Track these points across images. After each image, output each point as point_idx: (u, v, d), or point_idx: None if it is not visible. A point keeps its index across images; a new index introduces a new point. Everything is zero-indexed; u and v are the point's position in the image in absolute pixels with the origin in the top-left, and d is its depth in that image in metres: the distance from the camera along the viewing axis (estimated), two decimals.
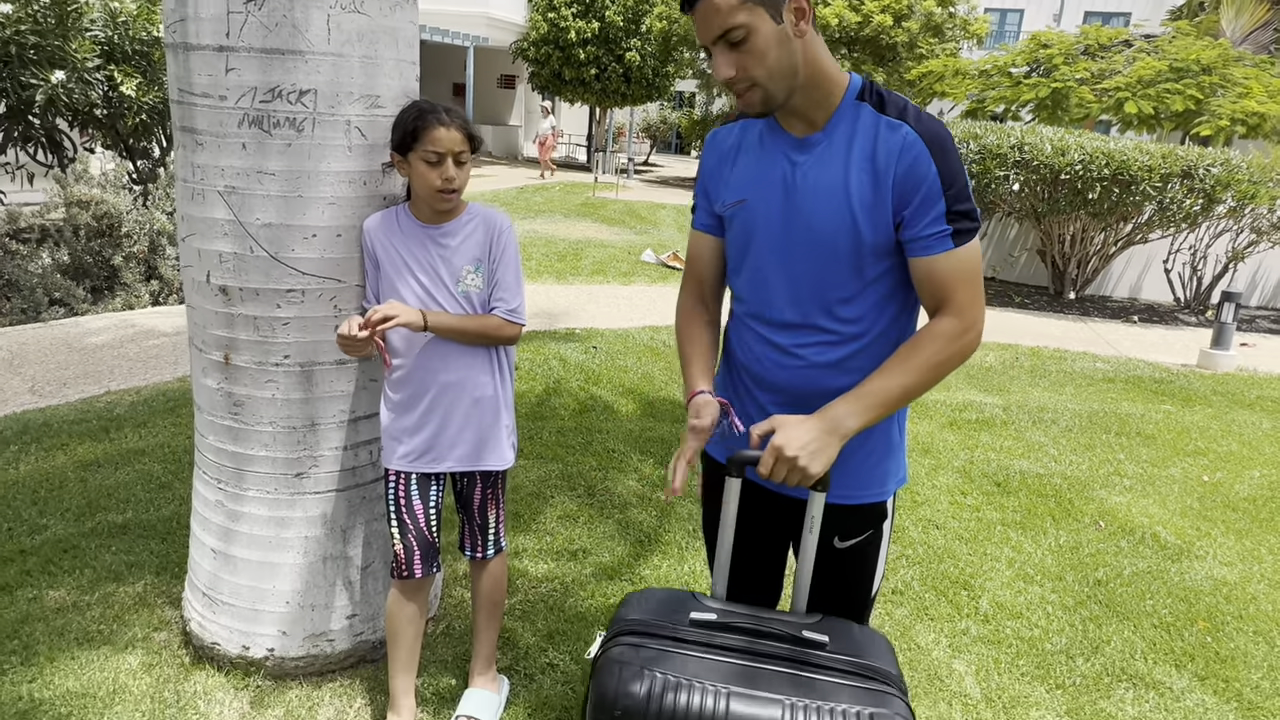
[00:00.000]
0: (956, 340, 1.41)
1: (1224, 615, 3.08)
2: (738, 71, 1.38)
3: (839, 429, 1.37)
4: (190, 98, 2.01)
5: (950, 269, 1.41)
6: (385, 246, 2.02)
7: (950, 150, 1.39)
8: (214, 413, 2.22)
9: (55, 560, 2.85)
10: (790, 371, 1.53)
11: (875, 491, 1.58)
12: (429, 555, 2.08)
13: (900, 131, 1.39)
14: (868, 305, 1.48)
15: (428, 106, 1.93)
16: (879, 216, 1.41)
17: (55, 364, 4.90)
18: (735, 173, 1.56)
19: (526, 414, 4.44)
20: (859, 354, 1.50)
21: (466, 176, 1.96)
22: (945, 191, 1.38)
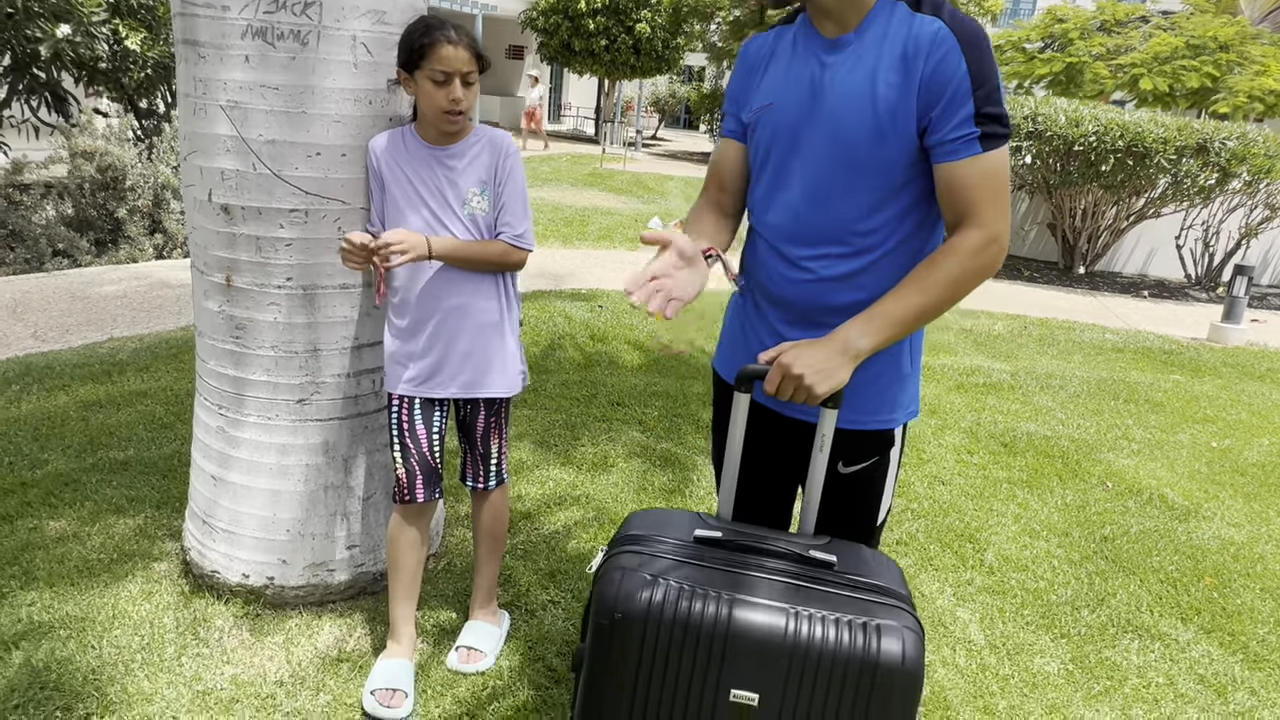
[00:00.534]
0: (979, 255, 1.34)
1: (1231, 573, 3.05)
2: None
3: (850, 349, 1.32)
4: (192, 8, 1.96)
5: (975, 175, 1.34)
6: (391, 167, 1.97)
7: (985, 49, 1.33)
8: (215, 336, 2.19)
9: (56, 493, 2.84)
10: (799, 286, 1.48)
11: (882, 419, 1.53)
12: (431, 480, 2.06)
13: (932, 26, 1.33)
14: (885, 218, 1.42)
15: (435, 23, 1.87)
16: (904, 119, 1.35)
17: (58, 312, 4.88)
18: (765, 79, 1.51)
19: (532, 367, 4.41)
20: (870, 268, 1.44)
21: (474, 97, 1.92)
22: (975, 91, 1.31)
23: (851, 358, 1.31)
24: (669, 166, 17.91)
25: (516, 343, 2.10)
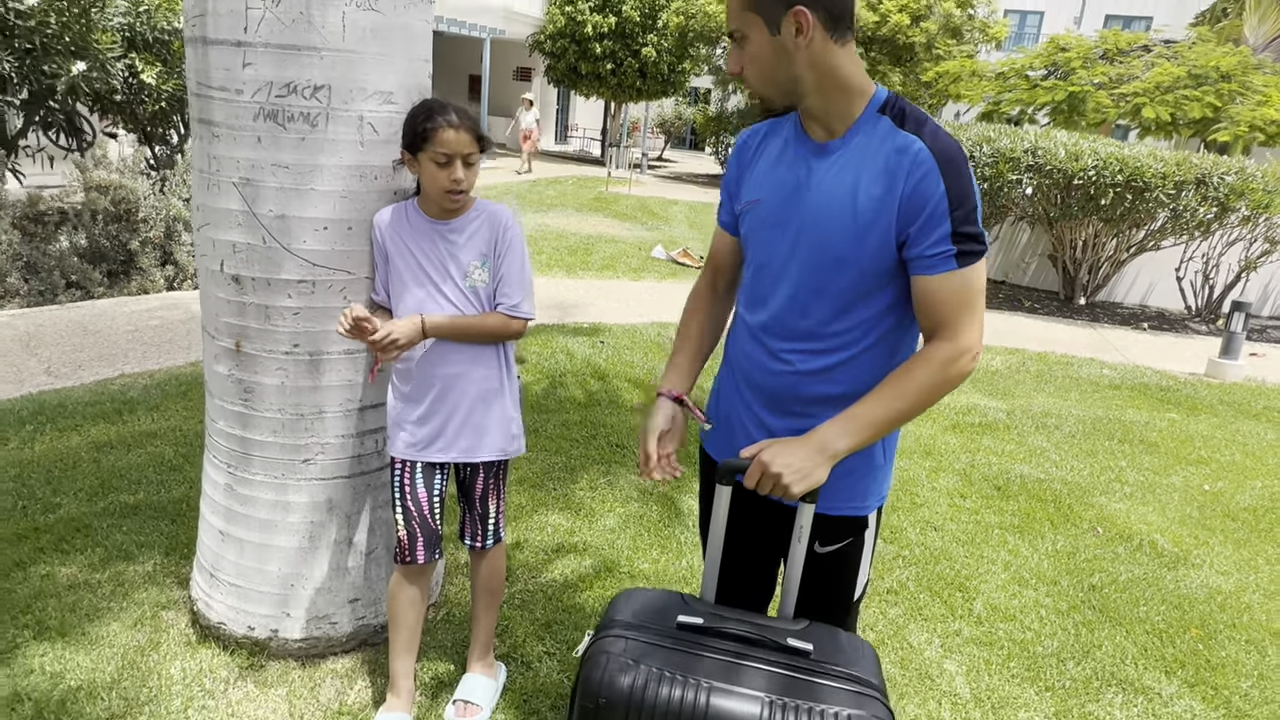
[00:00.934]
0: (951, 365, 1.40)
1: (1217, 624, 3.10)
2: (736, 69, 1.47)
3: (828, 449, 1.38)
4: (208, 91, 2.06)
5: (950, 290, 1.40)
6: (395, 241, 2.06)
7: (962, 171, 1.38)
8: (225, 398, 2.28)
9: (68, 538, 2.92)
10: (778, 376, 1.55)
11: (855, 505, 1.59)
12: (431, 542, 2.13)
13: (913, 147, 1.39)
14: (861, 318, 1.49)
15: (437, 107, 1.96)
16: (882, 231, 1.41)
17: (71, 346, 4.98)
18: (755, 173, 1.59)
19: (532, 406, 4.49)
20: (847, 364, 1.51)
21: (475, 176, 2.01)
22: (952, 212, 1.37)
23: (829, 458, 1.38)
24: (674, 190, 18.06)
25: (515, 407, 2.18)
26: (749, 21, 1.41)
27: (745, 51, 1.44)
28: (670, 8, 20.13)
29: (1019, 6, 29.11)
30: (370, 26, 2.03)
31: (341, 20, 1.99)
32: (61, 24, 5.93)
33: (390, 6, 2.05)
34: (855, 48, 1.46)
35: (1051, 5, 29.18)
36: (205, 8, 2.00)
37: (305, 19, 1.96)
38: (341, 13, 1.99)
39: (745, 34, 1.42)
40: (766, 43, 1.41)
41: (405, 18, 2.10)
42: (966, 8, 17.79)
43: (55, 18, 5.88)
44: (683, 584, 2.99)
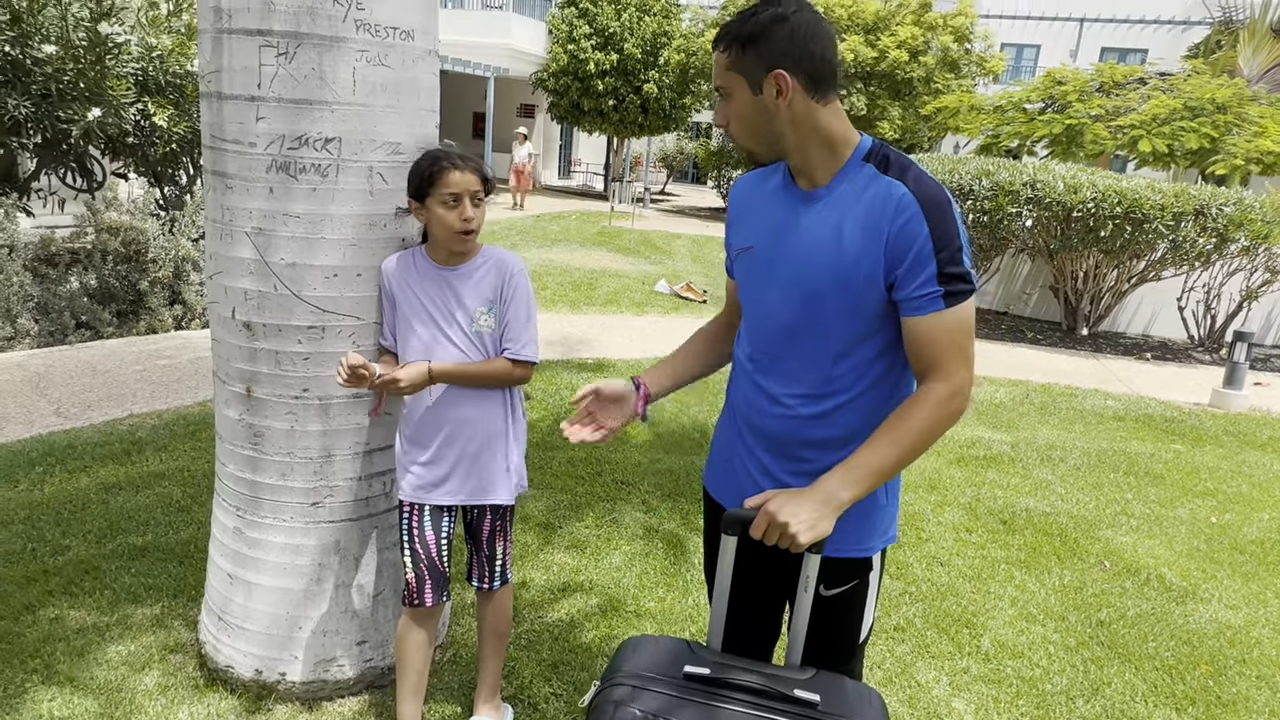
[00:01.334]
0: (946, 405, 1.42)
1: (1227, 659, 3.08)
2: (723, 121, 1.52)
3: (832, 500, 1.39)
4: (222, 144, 2.12)
5: (939, 330, 1.42)
6: (402, 287, 2.11)
7: (946, 212, 1.41)
8: (235, 442, 2.31)
9: (77, 581, 2.93)
10: (776, 420, 1.58)
11: (858, 548, 1.60)
12: (439, 584, 2.15)
13: (896, 192, 1.42)
14: (854, 362, 1.52)
15: (440, 153, 2.02)
16: (870, 275, 1.44)
17: (80, 386, 5.03)
18: (749, 222, 1.63)
19: (537, 443, 4.51)
20: (845, 407, 1.53)
21: (483, 216, 2.05)
22: (937, 254, 1.40)
23: (834, 509, 1.39)
24: (677, 224, 18.21)
25: (521, 451, 2.21)
26: (732, 80, 1.46)
27: (729, 108, 1.50)
28: (671, 45, 20.45)
29: (1015, 40, 29.50)
30: (380, 81, 2.09)
31: (352, 75, 2.05)
32: (78, 70, 6.06)
33: (399, 61, 2.12)
34: (840, 104, 1.50)
35: (1047, 39, 29.58)
36: (220, 64, 2.07)
37: (317, 75, 2.03)
38: (352, 68, 2.05)
39: (729, 91, 1.48)
40: (749, 101, 1.46)
41: (413, 72, 2.16)
42: (963, 43, 18.05)
43: (72, 64, 6.01)
44: (689, 622, 2.98)
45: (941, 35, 17.72)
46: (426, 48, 2.20)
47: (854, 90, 17.54)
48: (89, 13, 5.96)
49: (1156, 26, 27.93)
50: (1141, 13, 27.92)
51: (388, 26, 2.08)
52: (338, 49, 2.03)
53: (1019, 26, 29.53)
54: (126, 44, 6.29)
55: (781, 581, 1.70)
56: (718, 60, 1.48)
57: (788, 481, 1.59)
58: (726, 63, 1.46)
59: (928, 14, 17.86)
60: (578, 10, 20.73)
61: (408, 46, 2.13)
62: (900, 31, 17.45)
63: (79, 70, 6.05)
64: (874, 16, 17.86)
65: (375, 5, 2.04)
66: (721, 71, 1.48)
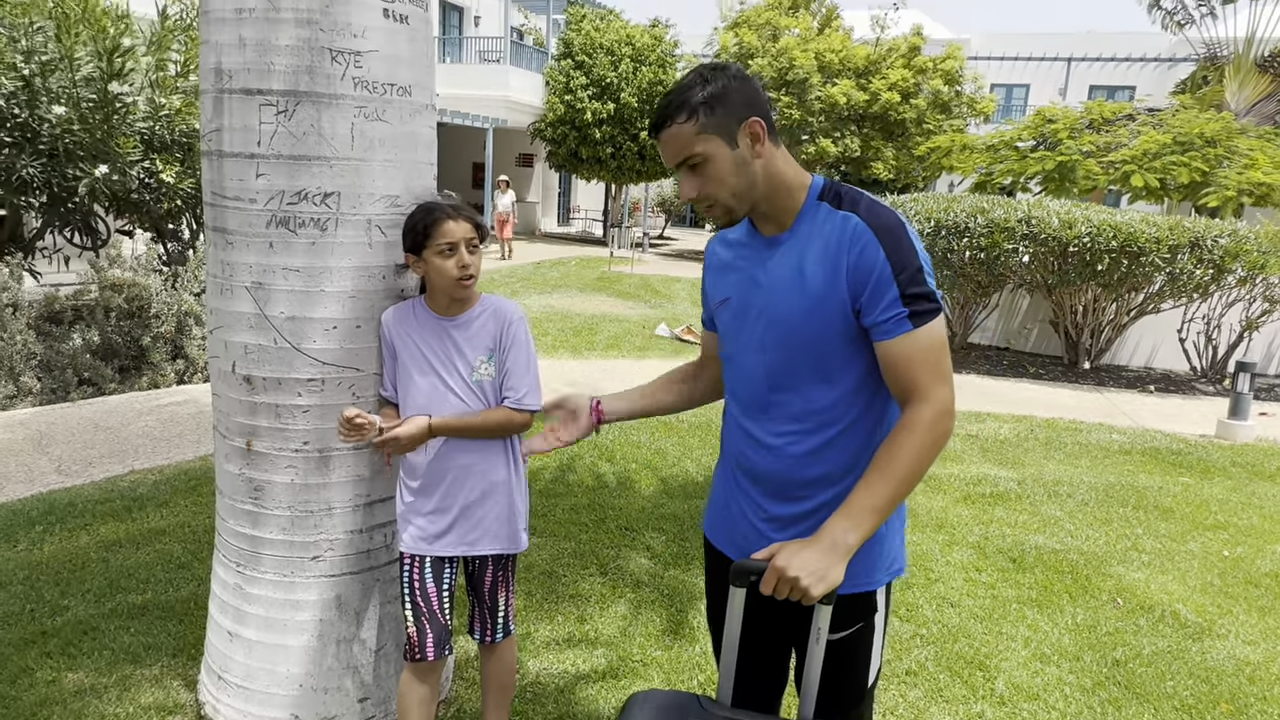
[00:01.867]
0: (934, 428, 1.42)
1: (1247, 697, 3.02)
2: (699, 193, 1.51)
3: (839, 546, 1.38)
4: (222, 200, 2.14)
5: (911, 351, 1.44)
6: (402, 338, 2.11)
7: (901, 237, 1.45)
8: (235, 497, 2.30)
9: (75, 642, 2.89)
10: (769, 461, 1.59)
11: (861, 581, 1.58)
12: (441, 638, 2.12)
13: (850, 223, 1.48)
14: (840, 394, 1.53)
15: (433, 204, 2.05)
16: (837, 306, 1.48)
17: (82, 443, 5.02)
18: (724, 275, 1.68)
19: (540, 491, 4.48)
20: (835, 441, 1.55)
21: (480, 263, 2.07)
22: (897, 276, 1.44)
23: (842, 555, 1.37)
24: (676, 267, 18.32)
25: (523, 500, 2.19)
26: (706, 143, 1.46)
27: (704, 174, 1.49)
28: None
29: (1004, 81, 30.00)
30: (378, 136, 2.12)
31: (350, 131, 2.08)
32: (86, 129, 6.16)
33: (397, 116, 2.15)
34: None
35: (1036, 79, 30.08)
36: (221, 123, 2.10)
37: (315, 131, 2.06)
38: (350, 124, 2.08)
39: (705, 156, 1.47)
40: (727, 159, 1.48)
41: (411, 126, 2.20)
42: (954, 84, 18.36)
43: (80, 124, 6.12)
44: (696, 670, 2.93)
45: (932, 78, 18.03)
46: (424, 102, 2.24)
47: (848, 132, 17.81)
48: (99, 73, 6.07)
49: (1143, 64, 28.42)
50: (1128, 51, 28.43)
51: (385, 83, 2.12)
52: (336, 106, 2.06)
53: (1007, 67, 30.06)
54: (134, 103, 6.41)
55: (788, 631, 1.67)
56: (678, 134, 1.47)
57: (785, 522, 1.59)
58: (694, 130, 1.46)
59: (917, 58, 18.20)
60: (574, 62, 21.13)
61: (405, 101, 2.17)
62: (891, 75, 17.77)
63: (87, 129, 6.16)
64: (865, 61, 18.20)
65: (372, 62, 2.09)
66: (689, 141, 1.47)
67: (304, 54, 2.02)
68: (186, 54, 6.83)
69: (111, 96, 6.13)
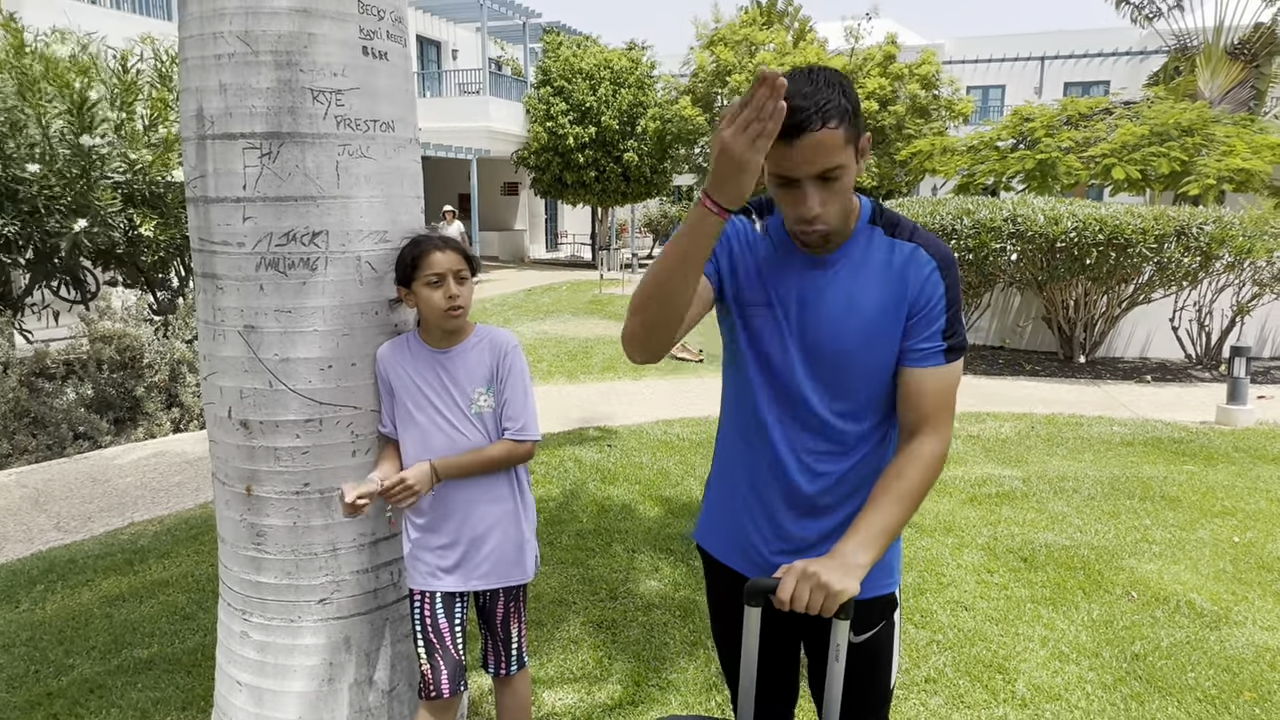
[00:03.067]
0: (937, 464, 1.48)
1: (1270, 684, 2.99)
2: (824, 209, 1.38)
3: (851, 564, 1.37)
4: (210, 245, 2.13)
5: (936, 383, 1.48)
6: (398, 373, 2.10)
7: (956, 272, 1.50)
8: (237, 543, 2.27)
9: (82, 701, 2.85)
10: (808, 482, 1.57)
11: (884, 583, 1.62)
12: (455, 674, 2.09)
13: (917, 254, 1.48)
14: (875, 418, 1.55)
15: (421, 237, 2.05)
16: (890, 327, 1.49)
17: (80, 499, 4.97)
18: (757, 267, 1.54)
19: (546, 518, 4.45)
20: (866, 460, 1.57)
21: (470, 294, 2.06)
22: (948, 310, 1.47)
23: (856, 573, 1.36)
24: None
25: (531, 529, 2.17)
26: (848, 155, 1.35)
27: (836, 188, 1.37)
28: (647, 114, 20.93)
29: (980, 83, 30.29)
30: (363, 173, 2.12)
31: (335, 169, 2.08)
32: (64, 184, 6.16)
33: (381, 152, 2.15)
34: None
35: (1011, 79, 30.37)
36: (205, 169, 2.10)
37: (300, 171, 2.05)
38: (335, 162, 2.08)
39: (845, 168, 1.36)
40: (854, 174, 1.38)
41: (396, 161, 2.19)
42: (931, 89, 18.51)
43: (56, 179, 6.12)
44: (714, 691, 2.90)
45: (909, 84, 18.19)
46: (407, 136, 2.24)
47: None
48: (70, 128, 6.08)
49: (1115, 58, 28.73)
50: (1099, 46, 28.74)
51: (368, 120, 2.12)
52: (319, 145, 2.06)
53: (981, 69, 30.36)
54: (110, 155, 6.41)
55: (798, 643, 1.66)
56: (831, 140, 1.31)
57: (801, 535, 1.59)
58: (845, 138, 1.33)
59: (893, 65, 18.37)
60: (553, 89, 21.28)
61: (389, 137, 2.17)
62: (868, 83, 17.91)
63: (65, 184, 6.16)
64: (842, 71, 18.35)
65: (354, 100, 2.09)
66: (839, 149, 1.33)
67: (285, 95, 2.02)
68: (152, 105, 6.85)
69: (85, 149, 6.14)
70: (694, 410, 6.95)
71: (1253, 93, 17.90)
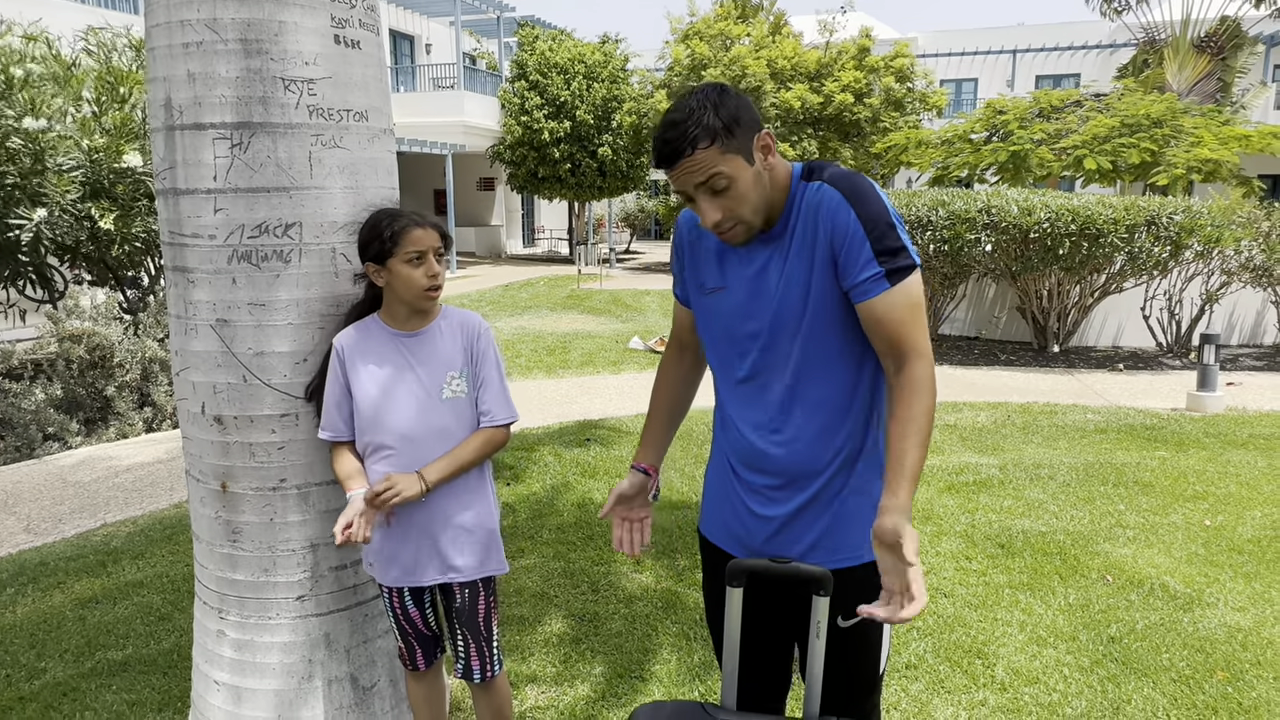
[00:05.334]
0: (928, 382, 1.46)
1: (1241, 663, 3.04)
2: (724, 215, 1.48)
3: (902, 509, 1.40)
4: (181, 239, 2.09)
5: (891, 310, 1.46)
6: (364, 360, 2.00)
7: (868, 196, 1.48)
8: (213, 541, 2.23)
9: (55, 705, 2.80)
10: (769, 445, 1.59)
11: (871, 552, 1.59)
12: (431, 648, 2.18)
13: (820, 191, 1.50)
14: (846, 374, 1.55)
15: (398, 211, 1.98)
16: (828, 281, 1.50)
17: (50, 500, 4.89)
18: (708, 257, 1.66)
19: (527, 513, 4.43)
20: (843, 423, 1.56)
21: (444, 273, 2.02)
22: (869, 234, 1.46)
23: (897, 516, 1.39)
24: (644, 280, 18.35)
25: (495, 519, 2.13)
26: (730, 164, 1.45)
27: (730, 195, 1.47)
28: (623, 109, 20.88)
29: (953, 76, 30.51)
30: (337, 163, 2.09)
31: (308, 159, 2.05)
32: (20, 173, 6.04)
33: (355, 142, 2.12)
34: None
35: (984, 72, 30.61)
36: (174, 160, 2.06)
37: (273, 162, 2.02)
38: (308, 152, 2.05)
39: (730, 177, 1.45)
40: (750, 175, 1.47)
41: (370, 151, 2.17)
42: (905, 82, 18.61)
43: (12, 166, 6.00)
44: (697, 681, 2.90)
45: (884, 77, 18.27)
46: (381, 126, 2.21)
47: (805, 135, 17.98)
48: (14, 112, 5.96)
49: (1085, 51, 29.05)
50: (1070, 40, 29.05)
51: (340, 109, 2.09)
52: (292, 135, 2.03)
53: (955, 63, 30.57)
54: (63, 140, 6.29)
55: (789, 628, 1.66)
56: (703, 160, 1.44)
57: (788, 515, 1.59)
58: (719, 152, 1.44)
59: (867, 58, 18.44)
60: (528, 83, 21.17)
61: (362, 127, 2.14)
62: (843, 76, 17.98)
63: (21, 173, 6.04)
64: (816, 64, 18.41)
65: (326, 89, 2.06)
66: (715, 163, 1.45)
67: (255, 84, 1.99)
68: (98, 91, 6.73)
69: (33, 134, 6.01)
70: None
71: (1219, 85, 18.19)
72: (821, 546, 1.58)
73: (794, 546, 1.59)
